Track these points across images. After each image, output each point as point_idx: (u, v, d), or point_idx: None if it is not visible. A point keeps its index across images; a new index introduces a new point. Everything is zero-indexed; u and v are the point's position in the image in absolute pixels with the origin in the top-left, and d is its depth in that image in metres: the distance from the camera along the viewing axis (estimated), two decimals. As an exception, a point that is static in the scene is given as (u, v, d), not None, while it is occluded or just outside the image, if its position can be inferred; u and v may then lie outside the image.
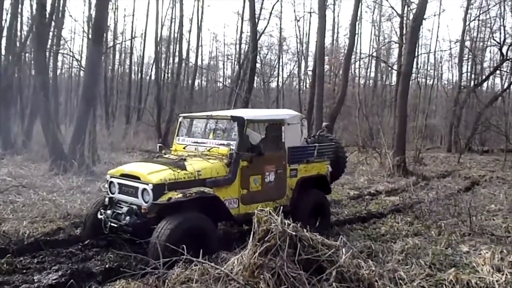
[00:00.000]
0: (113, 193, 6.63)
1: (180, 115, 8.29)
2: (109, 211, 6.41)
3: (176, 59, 32.63)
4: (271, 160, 7.34)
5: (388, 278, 5.21)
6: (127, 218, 6.08)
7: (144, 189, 6.04)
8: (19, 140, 19.79)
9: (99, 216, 6.48)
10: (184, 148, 7.59)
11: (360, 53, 35.06)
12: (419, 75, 35.18)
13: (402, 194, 12.44)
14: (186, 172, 6.33)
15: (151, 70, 38.19)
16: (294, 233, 4.76)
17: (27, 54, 25.03)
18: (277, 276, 4.47)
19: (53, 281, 5.05)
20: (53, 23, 20.66)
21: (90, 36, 19.96)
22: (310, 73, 29.51)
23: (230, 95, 31.67)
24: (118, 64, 41.18)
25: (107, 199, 6.64)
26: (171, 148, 7.99)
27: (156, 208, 5.98)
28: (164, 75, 35.69)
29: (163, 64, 34.95)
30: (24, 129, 20.90)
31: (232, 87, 31.55)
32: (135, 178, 6.28)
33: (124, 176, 6.49)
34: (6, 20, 20.88)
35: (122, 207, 6.37)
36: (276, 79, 41.77)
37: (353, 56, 26.72)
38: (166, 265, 5.02)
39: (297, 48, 38.32)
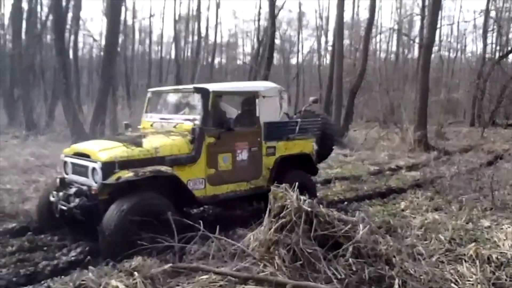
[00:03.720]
0: (67, 174, 6.06)
1: (148, 90, 7.69)
2: (61, 193, 5.83)
3: (195, 37, 32.54)
4: (243, 137, 6.73)
5: (406, 253, 5.15)
6: (76, 200, 5.53)
7: (94, 168, 5.47)
8: (42, 120, 20.12)
9: (51, 199, 5.93)
10: (151, 125, 7.01)
11: (381, 26, 34.63)
12: (441, 48, 34.54)
13: (423, 169, 12.27)
14: (142, 149, 5.73)
15: (171, 49, 38.25)
16: (309, 209, 4.72)
17: (48, 36, 25.29)
18: (292, 252, 4.45)
19: (72, 258, 5.16)
20: (71, 4, 20.74)
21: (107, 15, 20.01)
22: (330, 48, 29.14)
23: (250, 72, 31.53)
24: (138, 43, 41.33)
25: (58, 180, 6.05)
26: (138, 127, 7.41)
27: (107, 189, 5.41)
28: (184, 53, 35.69)
29: (182, 43, 34.96)
30: (47, 109, 21.24)
31: (251, 64, 31.37)
32: (86, 156, 5.74)
33: (77, 154, 5.94)
34: (26, 1, 21.09)
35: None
36: (296, 55, 41.43)
37: (373, 30, 26.31)
38: (182, 240, 5.06)
39: (316, 23, 38.00)
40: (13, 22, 22.19)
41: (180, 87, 7.25)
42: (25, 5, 21.85)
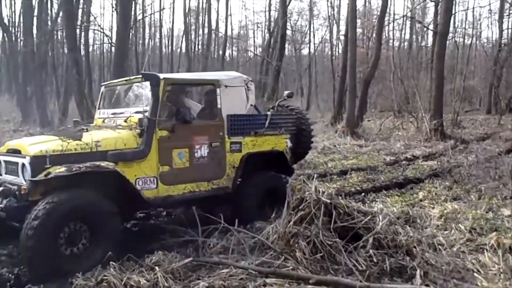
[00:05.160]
0: (1, 175, 5.45)
1: (102, 84, 7.10)
2: None
3: (206, 30, 32.56)
4: (202, 130, 5.96)
5: (426, 243, 5.11)
6: (4, 201, 4.90)
7: (23, 164, 4.84)
8: (55, 117, 20.26)
9: None
10: (103, 121, 6.25)
11: (394, 14, 34.24)
12: (456, 35, 34.04)
13: (440, 158, 12.15)
14: (80, 143, 5.03)
15: (181, 43, 38.31)
16: (329, 201, 4.70)
17: (59, 32, 25.44)
18: (312, 244, 4.44)
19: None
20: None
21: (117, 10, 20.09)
22: (342, 37, 28.93)
23: (262, 64, 31.46)
24: (149, 38, 41.44)
25: None
26: (90, 124, 6.64)
27: (40, 189, 4.73)
28: (195, 47, 35.71)
29: (193, 36, 35.01)
30: (60, 106, 21.39)
31: (263, 56, 31.31)
32: (18, 152, 5.10)
33: (10, 151, 5.30)
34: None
35: None
36: (308, 45, 41.23)
37: (386, 18, 26.03)
38: (204, 234, 5.06)
39: (328, 12, 37.86)
40: (24, 20, 22.36)
41: (132, 77, 6.47)
42: (35, 3, 22.01)
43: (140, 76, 5.93)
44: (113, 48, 27.97)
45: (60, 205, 4.48)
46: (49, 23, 22.57)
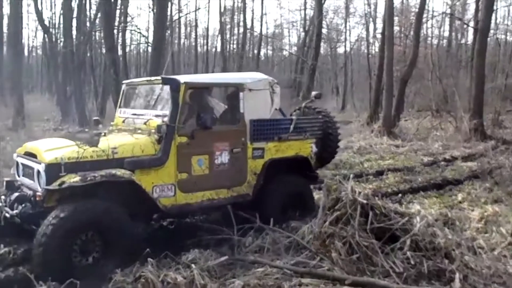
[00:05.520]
0: (19, 176, 5.43)
1: (123, 82, 6.91)
2: (8, 199, 5.20)
3: (241, 29, 32.73)
4: (223, 136, 5.76)
5: (466, 246, 5.00)
6: (19, 206, 4.89)
7: (38, 171, 4.79)
8: (93, 116, 20.71)
9: None
10: (123, 121, 6.14)
11: (433, 11, 33.52)
12: (498, 31, 33.10)
13: (480, 159, 11.88)
14: (96, 149, 4.91)
15: (217, 42, 38.63)
16: (365, 201, 4.66)
17: (97, 33, 26.02)
18: (348, 244, 4.42)
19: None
20: (119, 0, 21.28)
21: (154, 10, 20.41)
22: (379, 36, 28.59)
23: (297, 63, 31.41)
24: (184, 37, 41.95)
25: (4, 183, 5.52)
26: (111, 123, 6.52)
27: (55, 196, 4.70)
28: (230, 46, 35.93)
29: (228, 35, 35.22)
30: (98, 105, 21.86)
31: (298, 54, 31.27)
32: (34, 156, 5.05)
33: (27, 154, 5.26)
34: (75, 0, 21.81)
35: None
36: (344, 44, 40.85)
37: (425, 15, 25.46)
38: (239, 232, 5.09)
39: (364, 10, 37.33)
40: (64, 21, 22.99)
41: (153, 78, 6.27)
42: (74, 4, 22.60)
43: (160, 78, 5.73)
44: (149, 48, 28.44)
45: (72, 216, 4.44)
46: (88, 24, 23.12)
